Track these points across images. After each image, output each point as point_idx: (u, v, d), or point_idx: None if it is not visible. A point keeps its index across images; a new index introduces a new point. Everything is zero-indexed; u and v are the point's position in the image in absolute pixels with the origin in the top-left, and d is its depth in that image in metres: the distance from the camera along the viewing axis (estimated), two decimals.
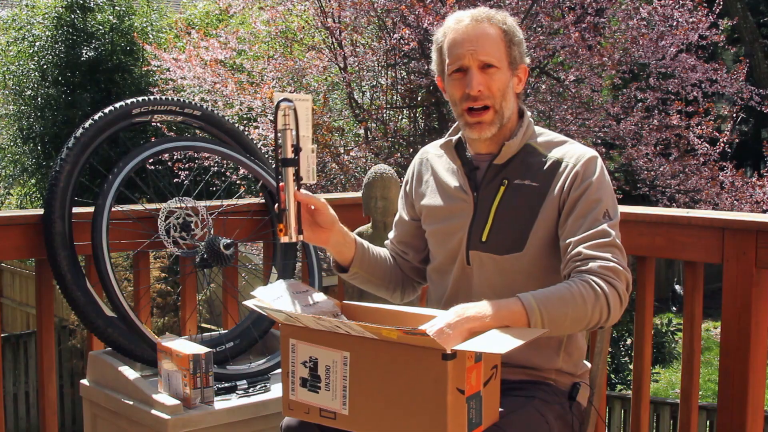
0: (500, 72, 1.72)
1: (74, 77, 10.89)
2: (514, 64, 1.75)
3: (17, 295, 10.01)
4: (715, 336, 10.79)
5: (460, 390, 1.44)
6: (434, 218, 1.87)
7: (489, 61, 1.71)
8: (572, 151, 1.74)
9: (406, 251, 1.99)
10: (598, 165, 1.73)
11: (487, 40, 1.71)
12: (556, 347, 1.78)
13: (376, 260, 1.94)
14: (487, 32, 1.72)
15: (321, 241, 1.79)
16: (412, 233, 1.97)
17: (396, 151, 7.18)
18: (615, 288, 1.60)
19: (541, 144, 1.78)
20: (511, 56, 1.74)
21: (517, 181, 1.75)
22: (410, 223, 1.97)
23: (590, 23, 6.64)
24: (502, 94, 1.73)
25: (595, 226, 1.65)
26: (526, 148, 1.77)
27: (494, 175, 1.77)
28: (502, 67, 1.72)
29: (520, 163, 1.76)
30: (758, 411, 2.14)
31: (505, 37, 1.73)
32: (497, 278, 1.75)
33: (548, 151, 1.76)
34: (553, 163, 1.74)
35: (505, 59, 1.73)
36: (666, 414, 6.42)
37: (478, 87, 1.70)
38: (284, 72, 7.77)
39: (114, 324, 2.22)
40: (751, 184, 7.14)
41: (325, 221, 1.76)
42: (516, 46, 1.75)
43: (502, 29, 1.74)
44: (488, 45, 1.71)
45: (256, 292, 1.67)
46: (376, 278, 1.94)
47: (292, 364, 1.61)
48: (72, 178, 2.21)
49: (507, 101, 1.74)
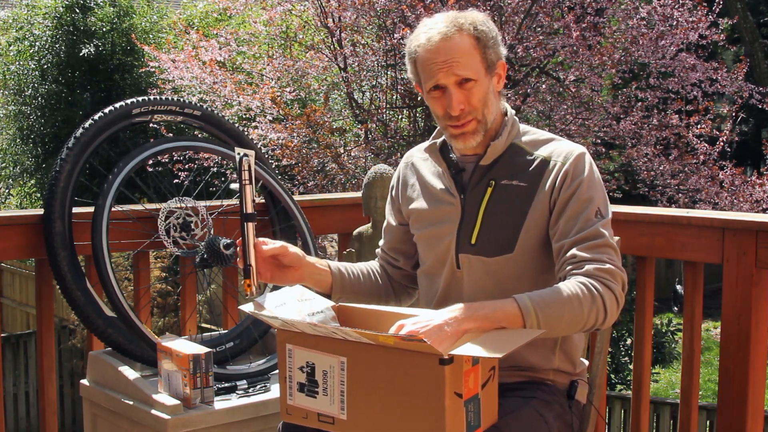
0: (478, 83, 1.69)
1: (74, 77, 10.88)
2: (491, 67, 1.71)
3: (17, 295, 10.00)
4: (715, 336, 10.79)
5: (457, 394, 1.44)
6: (422, 222, 1.85)
7: (465, 75, 1.67)
8: (559, 149, 1.73)
9: (396, 258, 1.97)
10: (586, 162, 1.71)
11: (461, 54, 1.67)
12: (552, 346, 1.77)
13: (358, 280, 1.92)
14: (459, 46, 1.67)
15: (295, 278, 1.78)
16: (401, 238, 1.95)
17: (396, 151, 7.18)
18: (611, 290, 1.60)
19: (527, 143, 1.76)
20: (487, 61, 1.70)
21: (504, 182, 1.73)
22: (399, 229, 1.95)
23: (590, 23, 6.64)
24: (484, 104, 1.70)
25: (588, 227, 1.64)
26: (512, 147, 1.76)
27: (481, 177, 1.76)
28: (479, 77, 1.68)
29: (507, 163, 1.75)
30: (758, 411, 2.14)
31: (478, 45, 1.68)
32: (488, 280, 1.74)
33: (535, 150, 1.74)
34: (541, 161, 1.72)
35: (481, 68, 1.69)
36: (666, 414, 6.42)
37: (458, 107, 1.68)
38: (284, 72, 7.77)
39: (114, 324, 2.22)
40: (751, 183, 7.13)
41: (292, 260, 1.76)
42: (491, 48, 1.70)
43: (474, 36, 1.68)
44: (462, 59, 1.67)
45: (259, 299, 1.67)
46: (363, 296, 1.92)
47: (289, 369, 1.61)
48: (72, 178, 2.21)
49: (489, 107, 1.71)
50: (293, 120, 7.26)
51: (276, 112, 7.41)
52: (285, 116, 7.35)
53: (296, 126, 7.16)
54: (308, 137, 7.24)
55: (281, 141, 7.12)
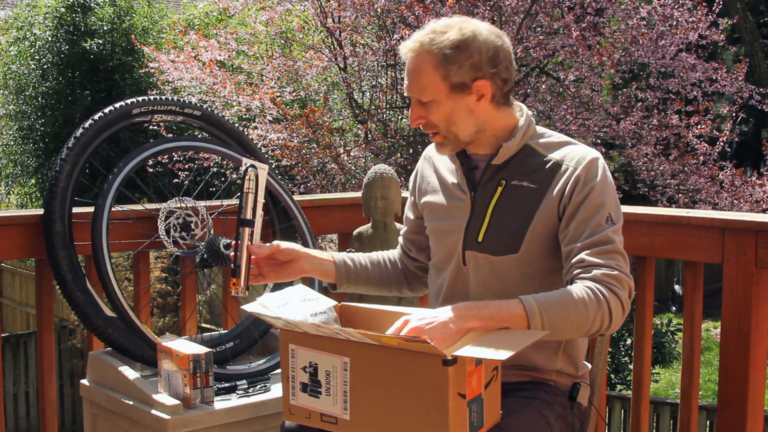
0: (437, 103, 1.68)
1: (75, 77, 10.89)
2: (460, 88, 1.67)
3: (17, 295, 10.00)
4: (715, 336, 10.79)
5: (461, 395, 1.44)
6: (434, 216, 1.87)
7: (420, 98, 1.69)
8: (573, 153, 1.72)
9: (410, 248, 2.01)
10: (599, 167, 1.69)
11: (420, 75, 1.67)
12: (555, 348, 1.77)
13: (365, 270, 1.96)
14: (420, 66, 1.67)
15: (297, 271, 1.82)
16: (415, 230, 1.99)
17: (396, 151, 7.18)
18: (617, 296, 1.59)
19: (541, 145, 1.75)
20: (451, 83, 1.66)
21: (514, 182, 1.73)
22: (414, 221, 1.98)
23: (590, 23, 6.64)
24: (447, 122, 1.70)
25: (598, 232, 1.63)
26: (526, 148, 1.75)
27: (492, 176, 1.76)
28: (439, 97, 1.68)
29: (519, 164, 1.74)
30: (758, 411, 2.14)
31: (440, 66, 1.65)
32: (493, 279, 1.74)
33: (548, 152, 1.74)
34: (553, 164, 1.72)
35: (442, 90, 1.67)
36: (666, 414, 6.42)
37: (415, 121, 1.72)
38: (283, 72, 7.77)
39: (114, 324, 2.22)
40: (751, 183, 7.13)
41: (288, 254, 1.81)
42: (464, 68, 1.65)
43: (438, 57, 1.65)
44: (421, 80, 1.68)
45: (262, 299, 1.67)
46: (372, 285, 1.97)
47: (292, 369, 1.60)
48: (72, 178, 2.21)
49: (458, 124, 1.70)
50: (293, 120, 7.26)
51: (276, 113, 7.41)
52: (284, 116, 7.36)
53: (296, 126, 7.16)
54: (308, 137, 7.24)
55: (281, 141, 7.12)
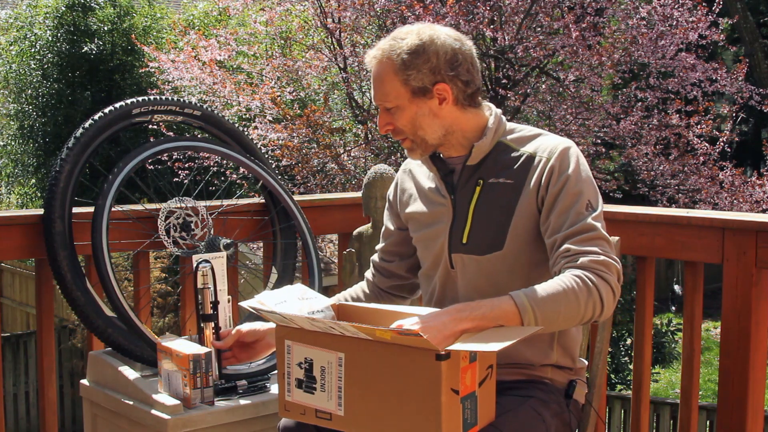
0: (401, 109, 1.72)
1: (75, 77, 10.89)
2: (421, 92, 1.70)
3: (17, 295, 10.01)
4: (715, 336, 10.79)
5: (454, 390, 1.44)
6: (419, 225, 1.88)
7: (384, 104, 1.73)
8: (545, 144, 1.73)
9: (392, 259, 2.00)
10: (573, 155, 1.70)
11: (382, 82, 1.71)
12: (549, 341, 1.77)
13: None
14: (382, 73, 1.71)
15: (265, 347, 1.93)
16: (398, 242, 1.98)
17: (396, 151, 7.18)
18: (607, 281, 1.60)
19: (513, 140, 1.77)
20: (412, 88, 1.69)
21: (491, 180, 1.75)
22: (396, 233, 1.98)
23: (590, 23, 6.64)
24: (413, 126, 1.73)
25: (580, 221, 1.64)
26: (499, 146, 1.77)
27: (469, 176, 1.77)
28: (402, 103, 1.71)
29: (494, 161, 1.76)
30: (758, 411, 2.14)
31: (399, 73, 1.69)
32: (481, 279, 1.75)
33: (521, 147, 1.75)
34: (527, 158, 1.73)
35: (404, 95, 1.70)
36: (666, 414, 6.43)
37: (383, 128, 1.76)
38: (283, 72, 7.78)
39: (114, 324, 2.21)
40: (751, 184, 7.14)
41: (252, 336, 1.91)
42: (423, 72, 1.68)
43: (397, 63, 1.68)
44: (384, 87, 1.71)
45: (260, 296, 1.68)
46: None
47: (287, 365, 1.61)
48: (72, 178, 2.20)
49: (424, 129, 1.73)
50: (293, 120, 7.26)
51: (276, 113, 7.41)
52: (284, 116, 7.36)
53: (296, 126, 7.16)
54: (308, 137, 7.24)
55: (281, 141, 7.12)
